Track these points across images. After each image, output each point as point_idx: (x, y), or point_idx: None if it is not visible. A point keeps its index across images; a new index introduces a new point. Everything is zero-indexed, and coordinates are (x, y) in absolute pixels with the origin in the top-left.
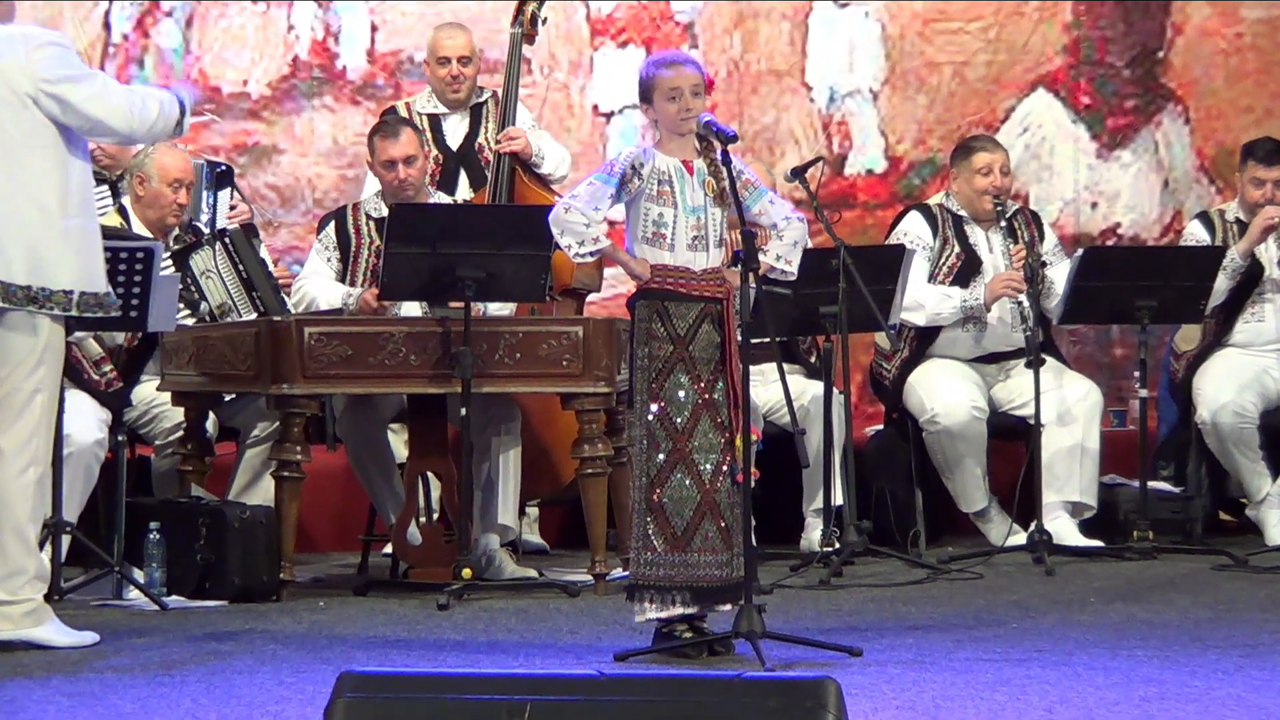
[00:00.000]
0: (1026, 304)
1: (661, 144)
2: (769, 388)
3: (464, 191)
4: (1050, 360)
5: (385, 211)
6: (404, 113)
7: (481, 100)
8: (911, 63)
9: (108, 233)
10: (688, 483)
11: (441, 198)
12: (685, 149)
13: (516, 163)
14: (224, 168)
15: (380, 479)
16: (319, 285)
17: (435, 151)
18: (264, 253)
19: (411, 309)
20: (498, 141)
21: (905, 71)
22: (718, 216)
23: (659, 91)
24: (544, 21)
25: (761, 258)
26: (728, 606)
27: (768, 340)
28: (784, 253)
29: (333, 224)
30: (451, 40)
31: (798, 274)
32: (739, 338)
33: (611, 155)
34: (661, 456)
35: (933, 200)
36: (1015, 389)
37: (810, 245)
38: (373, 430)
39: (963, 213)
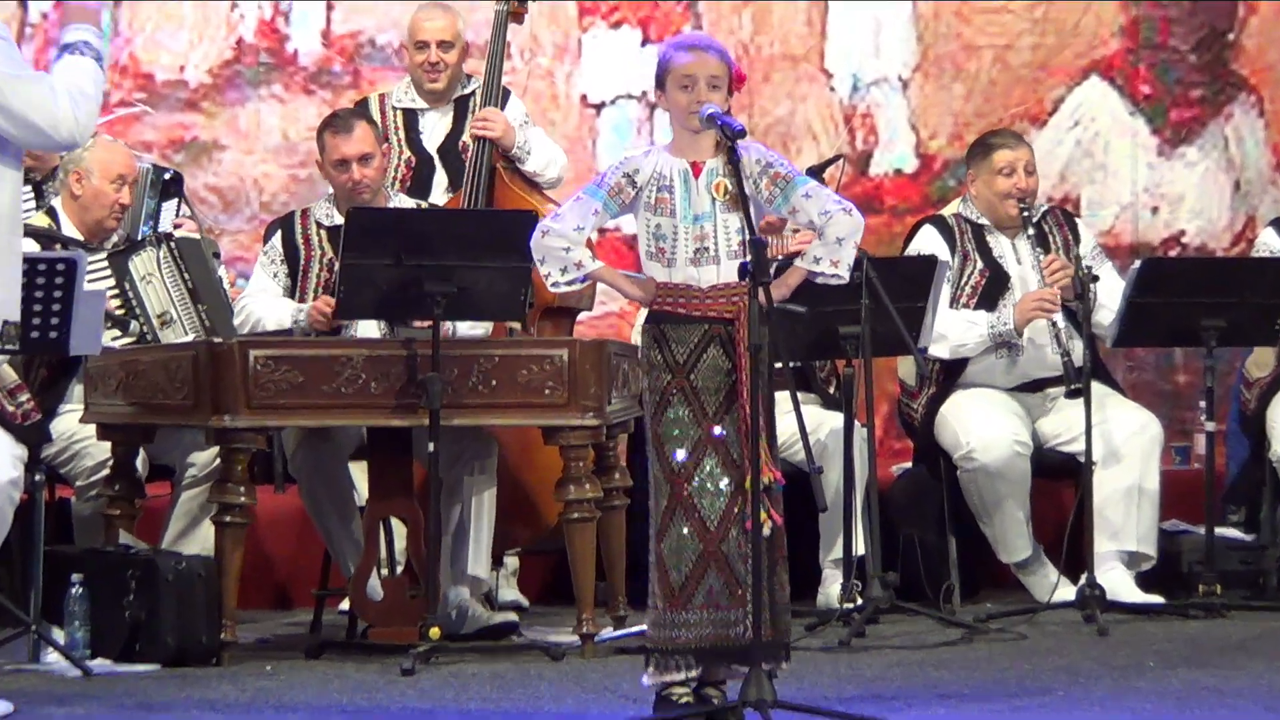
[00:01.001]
0: (1062, 324)
1: (674, 141)
2: (781, 420)
3: (440, 196)
4: (1103, 389)
5: (338, 219)
6: (376, 107)
7: (467, 92)
8: (946, 46)
9: (34, 233)
10: (686, 530)
11: (404, 201)
12: (697, 148)
13: (498, 159)
14: (172, 174)
15: (339, 523)
16: (265, 304)
17: (407, 153)
18: (223, 274)
19: (371, 329)
20: (472, 126)
21: (939, 57)
22: (731, 224)
23: (672, 77)
24: None
25: (799, 262)
26: (743, 670)
27: (779, 366)
28: (826, 253)
29: (279, 233)
30: (431, 22)
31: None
32: (753, 362)
33: (601, 153)
34: (663, 502)
35: (948, 210)
36: (1062, 421)
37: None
38: (331, 466)
39: (984, 221)
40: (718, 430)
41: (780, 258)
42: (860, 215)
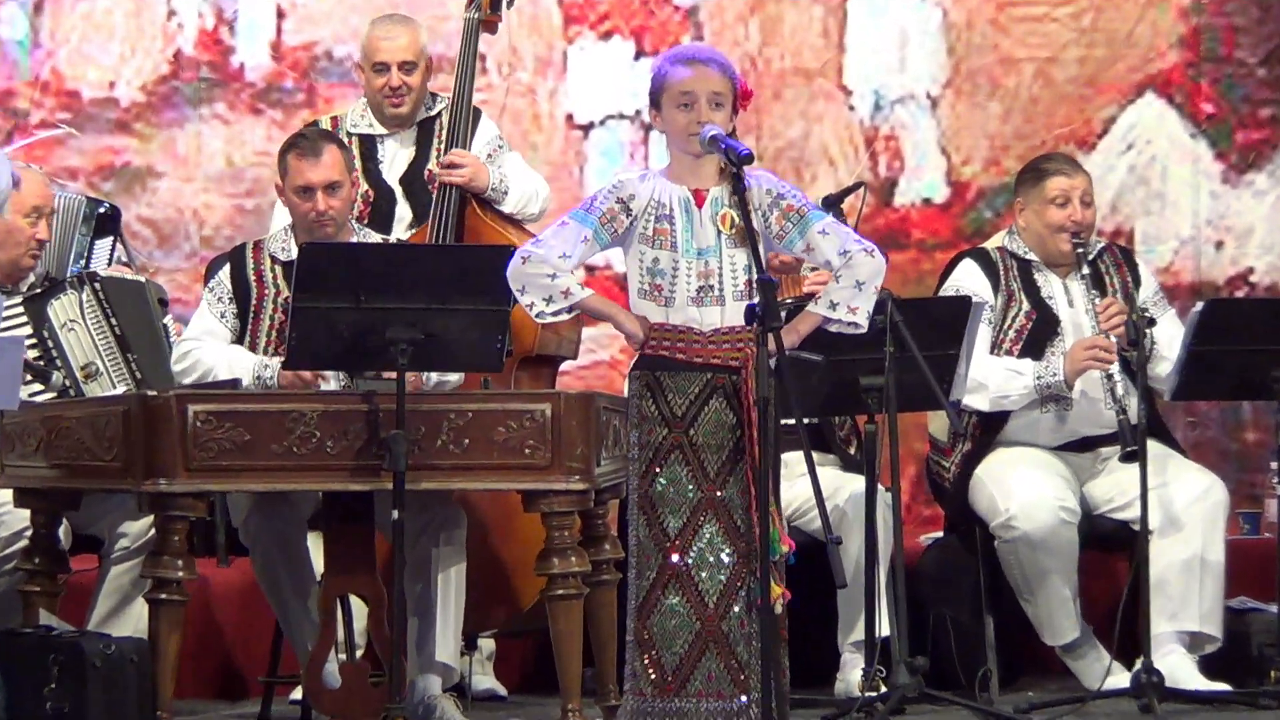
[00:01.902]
0: (1118, 376)
1: (671, 166)
2: (794, 483)
3: (403, 233)
4: (1161, 448)
5: (296, 253)
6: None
7: (433, 114)
8: (982, 59)
9: None
10: (680, 607)
11: (371, 236)
12: (699, 174)
13: (468, 191)
14: (108, 208)
15: (297, 599)
16: (216, 351)
17: (364, 185)
18: (169, 323)
19: (328, 384)
20: (440, 168)
21: (974, 71)
22: (737, 261)
23: (669, 95)
24: (510, 2)
25: (812, 307)
26: None
27: (792, 423)
28: (843, 297)
29: (227, 268)
30: (390, 40)
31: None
32: (761, 417)
33: (589, 180)
34: (651, 574)
35: (992, 243)
36: (1115, 485)
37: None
38: (289, 533)
39: (1032, 256)
40: (719, 494)
41: (791, 300)
42: (883, 257)
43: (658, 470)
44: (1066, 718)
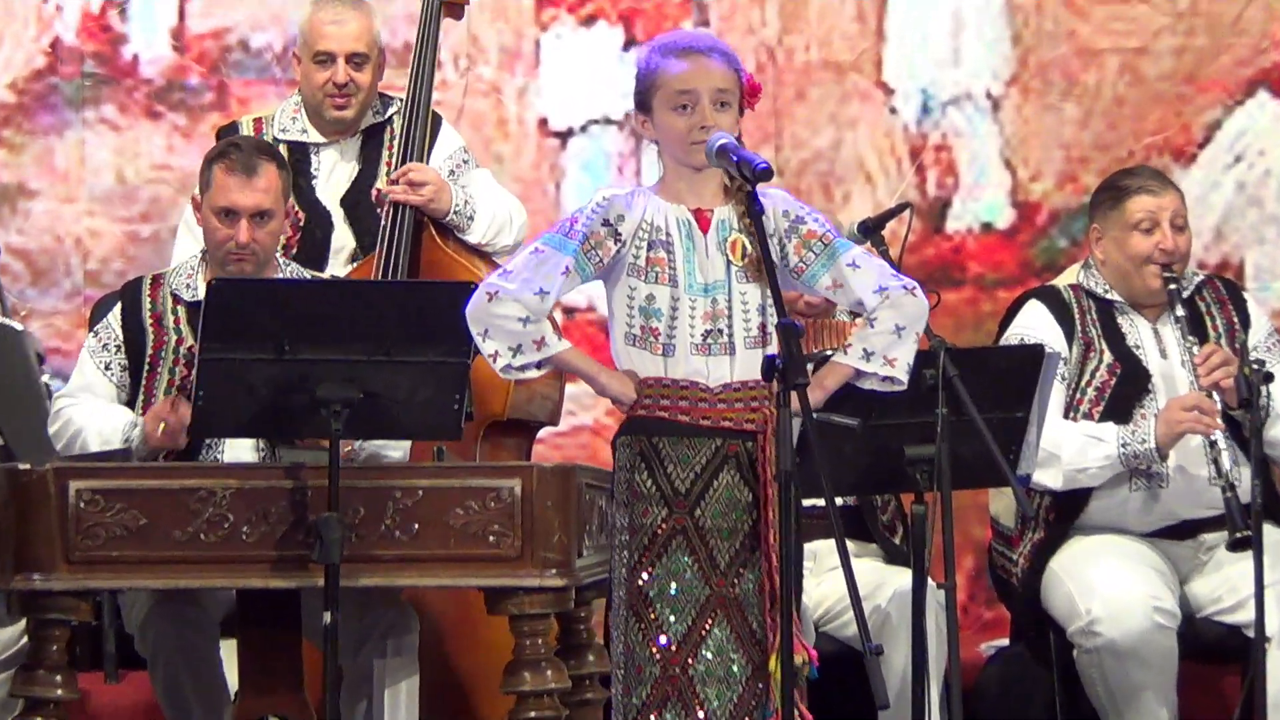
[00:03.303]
0: (1224, 443)
1: (665, 182)
2: (825, 579)
3: (341, 266)
4: (1278, 534)
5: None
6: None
7: (383, 119)
8: (1054, 50)
9: None
10: None
11: (298, 272)
12: (699, 191)
13: (426, 214)
14: None
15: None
16: (92, 413)
17: (294, 206)
18: (47, 381)
19: (243, 451)
20: (390, 182)
21: (1045, 64)
22: (750, 299)
23: (663, 94)
24: None
25: (840, 358)
26: None
27: (821, 503)
28: (880, 346)
29: (117, 310)
30: (338, 25)
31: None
32: (782, 495)
33: (567, 199)
34: (645, 692)
35: (1064, 280)
36: (1223, 581)
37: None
38: (195, 641)
39: (1114, 295)
40: (731, 590)
41: (817, 351)
42: (925, 298)
43: (655, 561)
44: None
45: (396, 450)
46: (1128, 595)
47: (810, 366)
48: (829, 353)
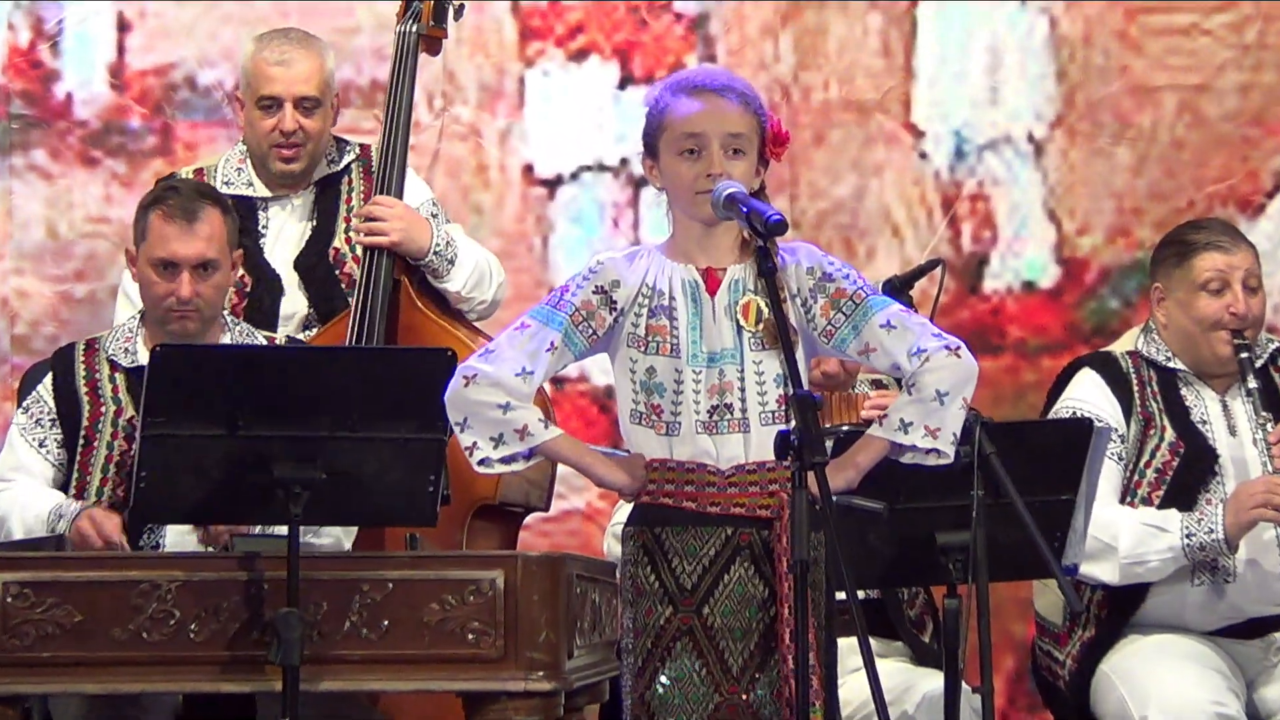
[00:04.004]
0: None
1: (674, 238)
2: (846, 681)
3: (294, 331)
4: None
5: (146, 357)
6: None
7: (340, 168)
8: (1106, 87)
9: None
10: None
11: (253, 335)
12: (711, 248)
13: (404, 271)
14: None
15: None
16: (16, 498)
17: (239, 268)
18: None
19: (190, 538)
20: (357, 219)
21: (1094, 104)
22: (766, 369)
23: (669, 137)
24: (459, 12)
25: (875, 431)
26: None
27: (843, 597)
28: (920, 416)
29: (49, 379)
30: (284, 67)
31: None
32: (798, 588)
33: (555, 258)
34: None
35: (1120, 346)
36: None
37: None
38: None
39: (1177, 364)
40: (745, 697)
41: (845, 426)
42: (973, 358)
43: (660, 665)
44: None
45: (328, 537)
46: (1188, 701)
47: (831, 442)
48: (844, 427)
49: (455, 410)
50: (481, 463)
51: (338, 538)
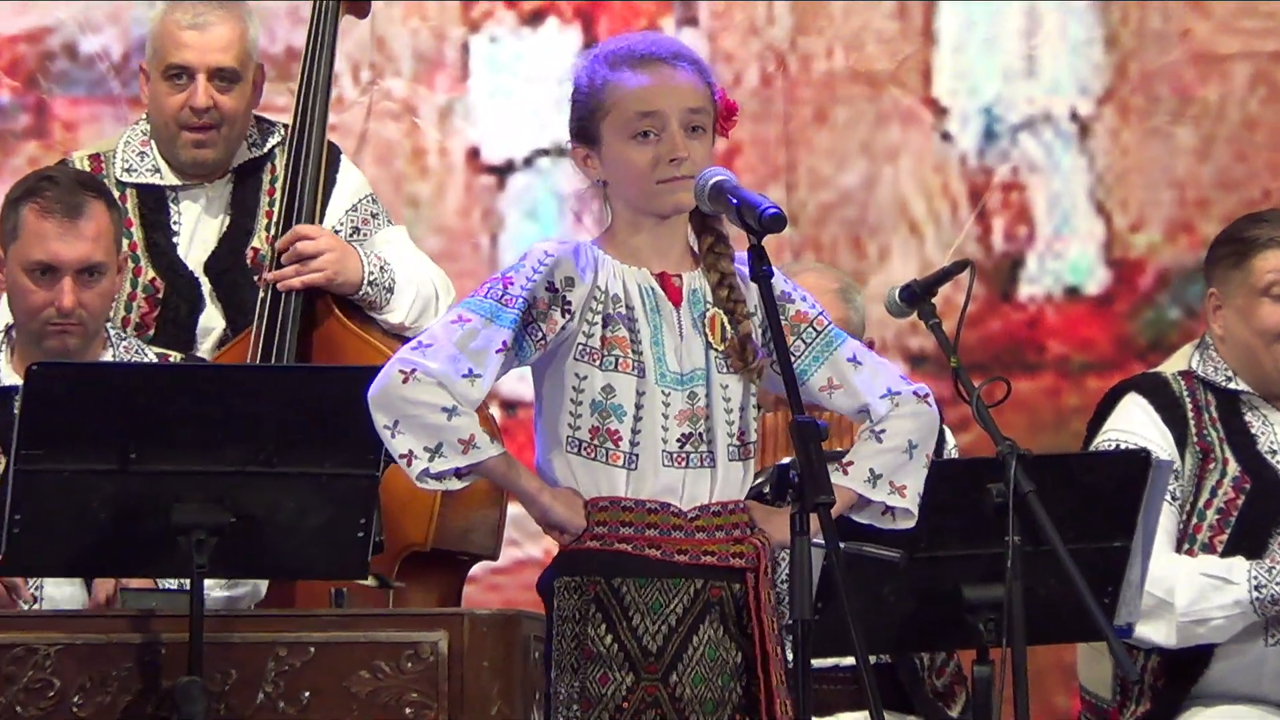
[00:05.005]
0: None
1: (615, 236)
2: None
3: (207, 348)
4: None
5: (16, 378)
6: None
7: (263, 152)
8: (1163, 57)
9: None
10: None
11: (144, 352)
12: (666, 249)
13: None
14: None
15: None
16: None
17: (149, 271)
18: None
19: (74, 593)
20: (275, 252)
21: (1149, 75)
22: (733, 394)
23: (614, 119)
24: None
25: (840, 480)
26: None
27: (846, 662)
28: (888, 469)
29: None
30: (198, 32)
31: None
32: (781, 652)
33: (506, 257)
34: None
35: (1172, 365)
36: None
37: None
38: None
39: (1239, 385)
40: None
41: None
42: (936, 408)
43: None
44: None
45: (240, 587)
46: None
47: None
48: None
49: (386, 411)
50: (419, 476)
51: (256, 588)
